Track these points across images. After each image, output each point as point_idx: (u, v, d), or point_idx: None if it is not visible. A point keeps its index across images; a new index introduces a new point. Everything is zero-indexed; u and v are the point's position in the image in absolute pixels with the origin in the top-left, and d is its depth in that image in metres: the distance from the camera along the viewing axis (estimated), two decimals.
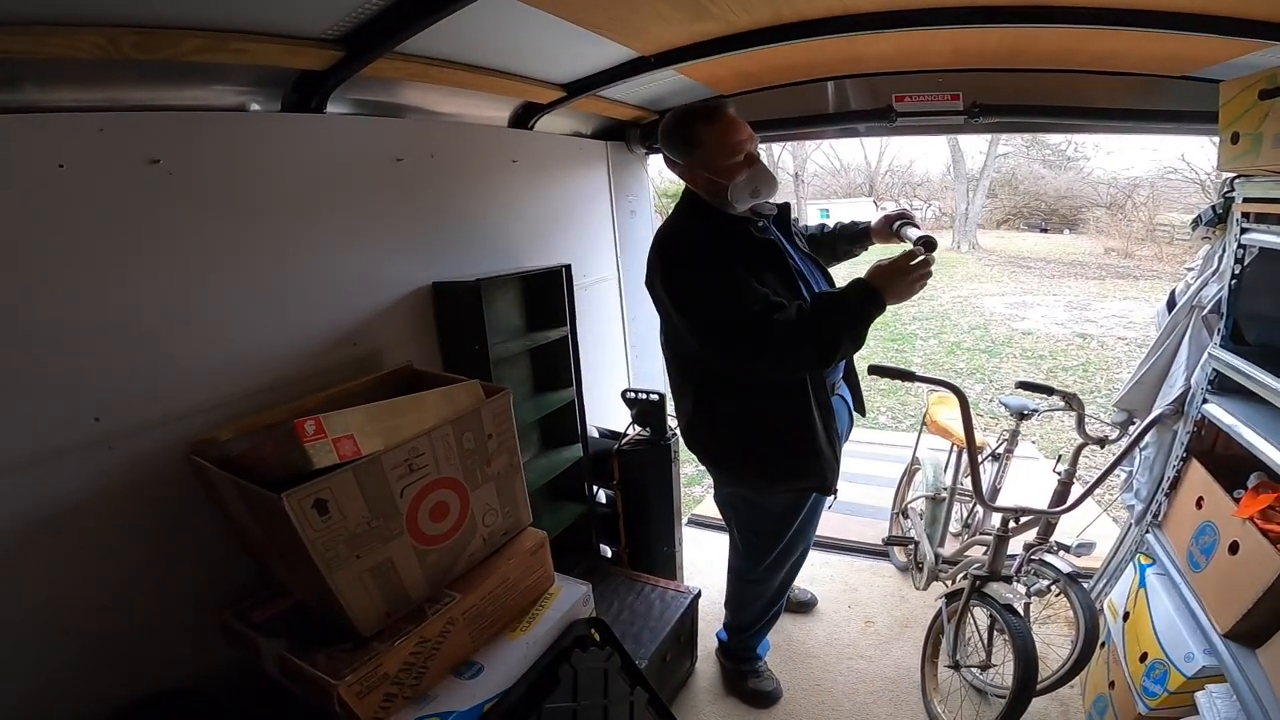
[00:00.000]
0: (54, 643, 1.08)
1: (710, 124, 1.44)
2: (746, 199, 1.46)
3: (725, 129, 1.44)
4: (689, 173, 1.50)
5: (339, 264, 1.47)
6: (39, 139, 1.01)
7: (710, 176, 1.46)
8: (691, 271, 1.43)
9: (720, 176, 1.44)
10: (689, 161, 1.48)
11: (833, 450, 1.59)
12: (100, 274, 1.09)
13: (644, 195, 2.84)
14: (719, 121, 1.44)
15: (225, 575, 1.30)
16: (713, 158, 1.44)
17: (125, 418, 1.13)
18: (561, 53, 1.70)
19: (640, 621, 1.89)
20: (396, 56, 1.37)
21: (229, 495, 1.12)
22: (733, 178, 1.44)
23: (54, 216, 1.03)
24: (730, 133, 1.44)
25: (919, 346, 7.59)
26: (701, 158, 1.46)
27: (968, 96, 2.02)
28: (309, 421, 0.98)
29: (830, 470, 1.60)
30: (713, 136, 1.44)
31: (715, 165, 1.45)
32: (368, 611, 1.12)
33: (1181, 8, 1.31)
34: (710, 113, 1.45)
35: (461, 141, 1.82)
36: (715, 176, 1.45)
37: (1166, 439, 1.70)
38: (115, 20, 1.01)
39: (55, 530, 1.07)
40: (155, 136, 1.14)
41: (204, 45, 1.12)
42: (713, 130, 1.44)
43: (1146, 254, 13.09)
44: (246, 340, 1.31)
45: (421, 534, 1.18)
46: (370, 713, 1.09)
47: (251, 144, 1.30)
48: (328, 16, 1.20)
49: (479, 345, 1.64)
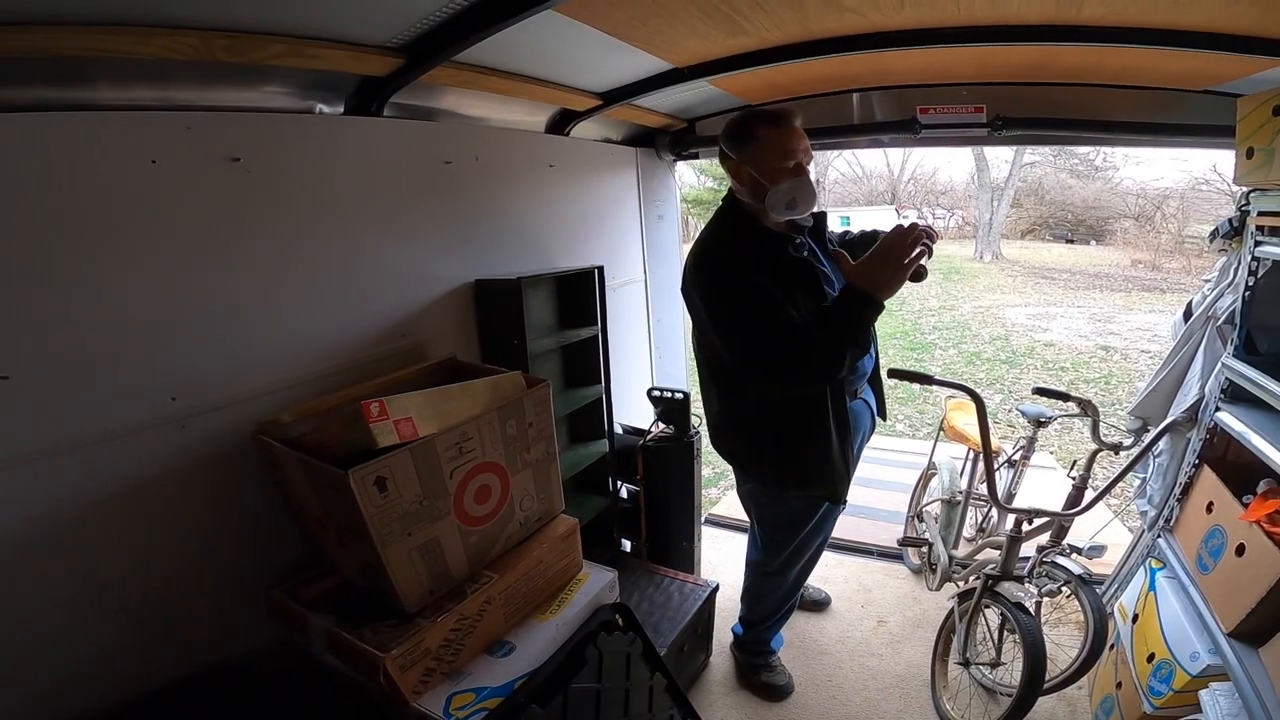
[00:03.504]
0: (112, 615, 1.15)
1: (772, 126, 1.48)
2: (782, 208, 1.49)
3: (785, 134, 1.48)
4: (738, 169, 1.53)
5: (391, 260, 1.57)
6: (134, 135, 1.11)
7: (756, 176, 1.48)
8: (726, 287, 1.47)
9: (765, 178, 1.47)
10: (741, 157, 1.51)
11: (845, 463, 1.64)
12: (184, 264, 1.19)
13: (671, 201, 2.91)
14: (781, 126, 1.48)
15: (273, 555, 1.38)
16: (764, 157, 1.47)
17: (199, 398, 1.23)
18: (600, 63, 1.78)
19: (659, 612, 1.95)
20: (450, 65, 1.46)
21: (292, 473, 1.21)
22: (777, 182, 1.46)
23: (145, 209, 1.13)
24: (788, 139, 1.47)
25: (938, 356, 7.57)
26: (754, 155, 1.48)
27: (991, 109, 2.08)
28: (374, 404, 1.07)
29: (840, 482, 1.65)
30: (771, 138, 1.47)
31: (764, 165, 1.47)
32: (414, 588, 1.20)
33: (1199, 26, 1.36)
34: (775, 116, 1.49)
35: (504, 146, 1.91)
36: (761, 177, 1.48)
37: (1180, 446, 1.74)
38: (211, 24, 1.10)
39: (125, 504, 1.16)
40: (235, 135, 1.24)
41: (285, 50, 1.22)
42: (773, 132, 1.48)
43: (1175, 266, 12.88)
44: (307, 329, 1.40)
45: (466, 515, 1.26)
46: (410, 687, 1.15)
47: (318, 144, 1.40)
48: (394, 26, 1.29)
49: (517, 340, 1.73)
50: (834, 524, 1.90)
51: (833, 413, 1.57)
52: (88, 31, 0.98)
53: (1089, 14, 1.36)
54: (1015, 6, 1.38)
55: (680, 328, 3.06)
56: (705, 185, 15.28)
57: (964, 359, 7.38)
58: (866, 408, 1.78)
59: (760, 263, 1.48)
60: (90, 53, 1.02)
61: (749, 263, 1.48)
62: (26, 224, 1.00)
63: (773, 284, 1.45)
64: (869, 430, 1.82)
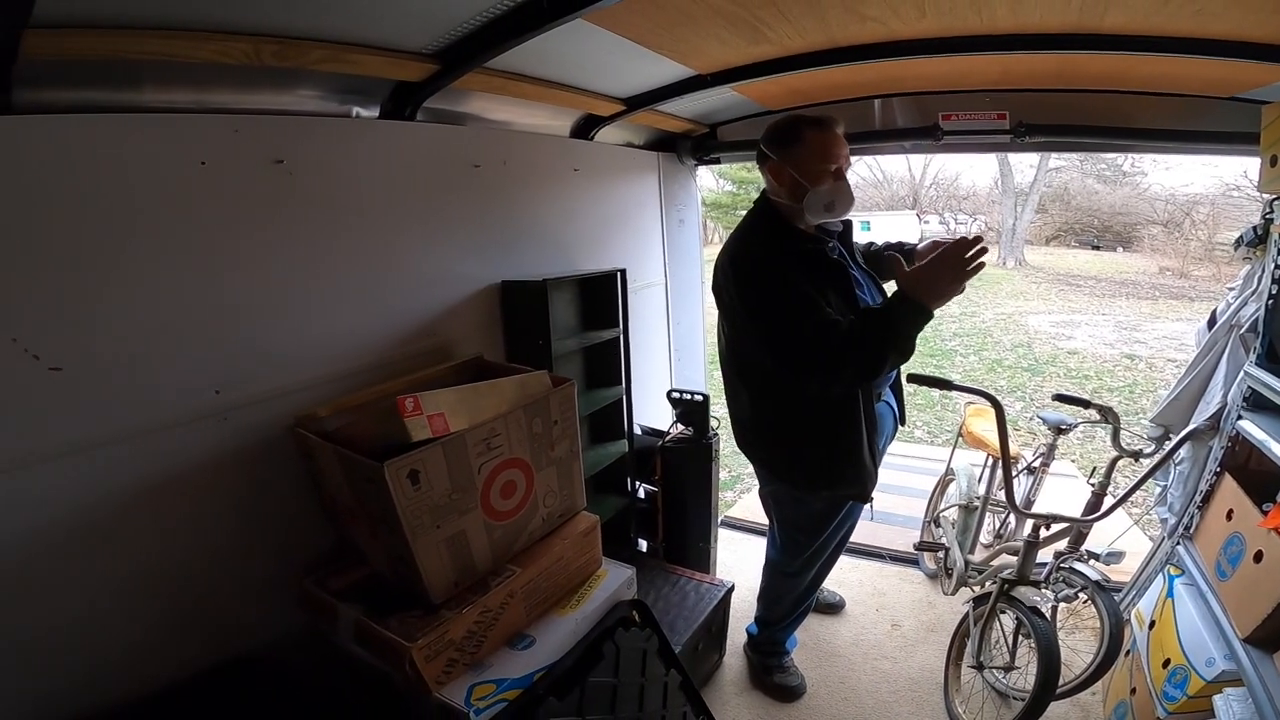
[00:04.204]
0: (154, 602, 1.20)
1: (818, 130, 1.53)
2: (820, 210, 1.53)
3: (829, 139, 1.52)
4: (779, 169, 1.56)
5: (423, 261, 1.62)
6: (187, 137, 1.17)
7: (797, 176, 1.52)
8: (767, 285, 1.50)
9: (807, 179, 1.51)
10: (783, 157, 1.54)
11: (873, 462, 1.67)
12: (230, 263, 1.24)
13: (692, 205, 2.95)
14: (826, 131, 1.53)
15: (304, 546, 1.42)
16: (808, 159, 1.51)
17: (240, 392, 1.28)
18: (624, 69, 1.82)
19: (675, 611, 1.97)
20: (481, 70, 1.50)
21: (327, 465, 1.25)
22: (817, 184, 1.51)
23: (196, 209, 1.19)
24: (832, 144, 1.52)
25: (958, 363, 7.50)
26: (797, 156, 1.52)
27: (1014, 116, 2.08)
28: (409, 399, 1.12)
29: (870, 480, 1.68)
30: (816, 141, 1.52)
31: (807, 167, 1.51)
32: (440, 580, 1.23)
33: (1223, 35, 1.36)
34: (821, 121, 1.54)
35: (530, 150, 1.96)
36: (802, 178, 1.52)
37: (1202, 454, 1.73)
38: (262, 30, 1.15)
39: (169, 494, 1.20)
40: (278, 138, 1.29)
41: (327, 55, 1.27)
42: (818, 136, 1.52)
43: (1204, 274, 12.61)
44: (341, 327, 1.46)
45: (492, 509, 1.30)
46: (434, 676, 1.17)
47: (354, 147, 1.45)
48: (429, 33, 1.34)
49: (542, 341, 1.77)
50: (854, 526, 1.92)
51: (863, 413, 1.60)
52: (150, 36, 1.03)
53: (1112, 22, 1.37)
54: (1038, 15, 1.39)
55: (700, 331, 3.09)
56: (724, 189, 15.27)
57: (985, 366, 7.30)
58: (890, 410, 1.80)
59: (797, 263, 1.52)
60: (151, 56, 1.07)
61: (788, 262, 1.51)
62: (83, 222, 1.05)
63: (809, 284, 1.48)
64: (891, 433, 1.84)
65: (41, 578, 1.06)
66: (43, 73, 1.00)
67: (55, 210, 1.02)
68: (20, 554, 1.03)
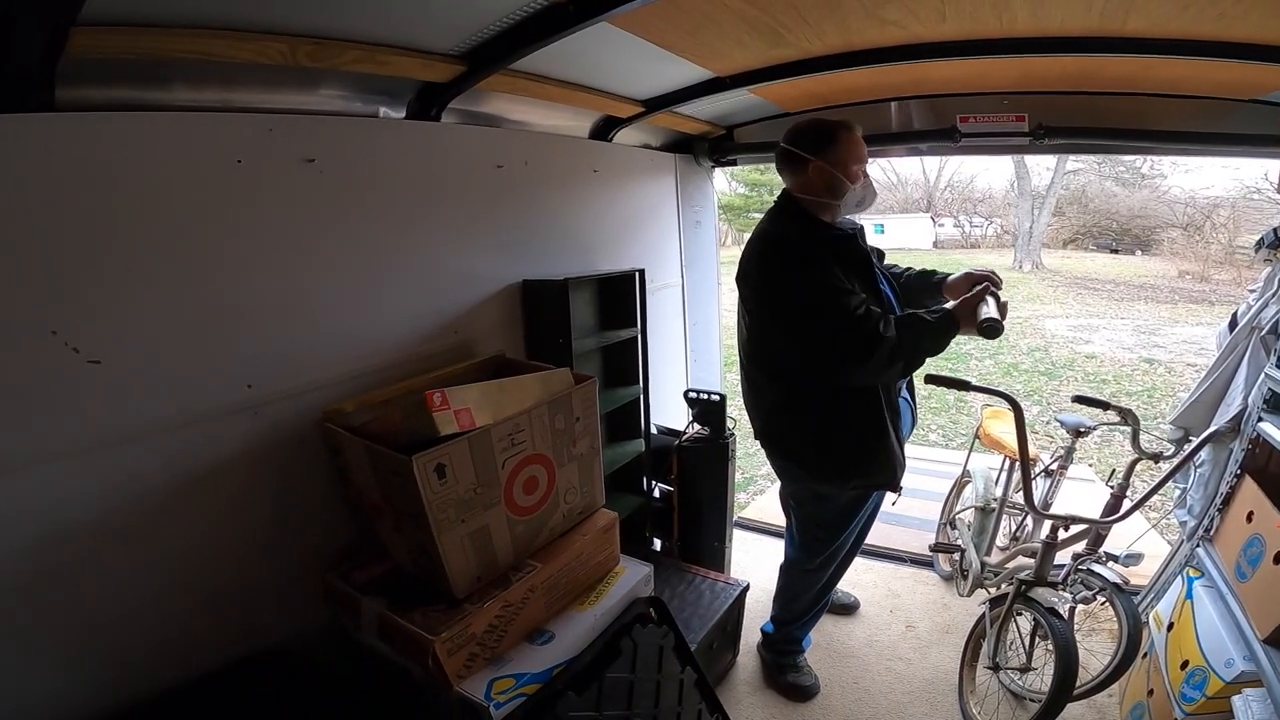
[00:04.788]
0: (186, 594, 1.22)
1: (850, 132, 1.63)
2: (853, 206, 1.66)
3: (859, 141, 1.64)
4: (817, 168, 1.60)
5: (448, 259, 1.65)
6: (224, 136, 1.19)
7: (836, 173, 1.60)
8: (801, 274, 1.55)
9: (847, 176, 1.60)
10: (822, 157, 1.60)
11: (901, 449, 1.71)
12: (262, 258, 1.27)
13: (709, 207, 2.96)
14: (855, 134, 1.64)
15: (329, 540, 1.45)
16: (845, 159, 1.60)
17: (271, 387, 1.31)
18: (644, 71, 1.84)
19: (690, 609, 1.97)
20: (505, 72, 1.52)
21: (354, 459, 1.28)
22: (855, 181, 1.61)
23: (232, 207, 1.22)
24: (861, 145, 1.64)
25: (974, 366, 7.44)
26: (835, 156, 1.60)
27: (1033, 118, 2.07)
28: (437, 394, 1.14)
29: (900, 467, 1.71)
30: (850, 142, 1.62)
31: (846, 166, 1.60)
32: (464, 574, 1.25)
33: (1245, 38, 1.36)
34: (848, 124, 1.64)
35: (551, 151, 1.99)
36: (842, 175, 1.60)
37: (1223, 457, 1.72)
38: (299, 30, 1.18)
39: (201, 487, 1.23)
40: (310, 137, 1.32)
41: (360, 56, 1.30)
42: (851, 137, 1.62)
43: (1224, 278, 12.42)
44: (368, 324, 1.48)
45: (515, 504, 1.32)
46: (455, 670, 1.19)
47: (383, 147, 1.48)
48: (457, 34, 1.37)
49: (563, 339, 1.80)
50: (873, 521, 1.94)
51: (885, 401, 1.64)
52: (190, 35, 1.06)
53: (1133, 26, 1.37)
54: (1058, 19, 1.40)
55: (716, 332, 3.10)
56: (736, 191, 15.28)
57: (1001, 370, 7.24)
58: (908, 405, 1.83)
59: (831, 250, 1.59)
60: (190, 55, 1.09)
61: (824, 249, 1.58)
62: (122, 218, 1.08)
63: (841, 271, 1.56)
64: (909, 428, 1.86)
65: (86, 569, 1.09)
66: (84, 71, 1.02)
67: (95, 206, 1.04)
68: (66, 545, 1.06)
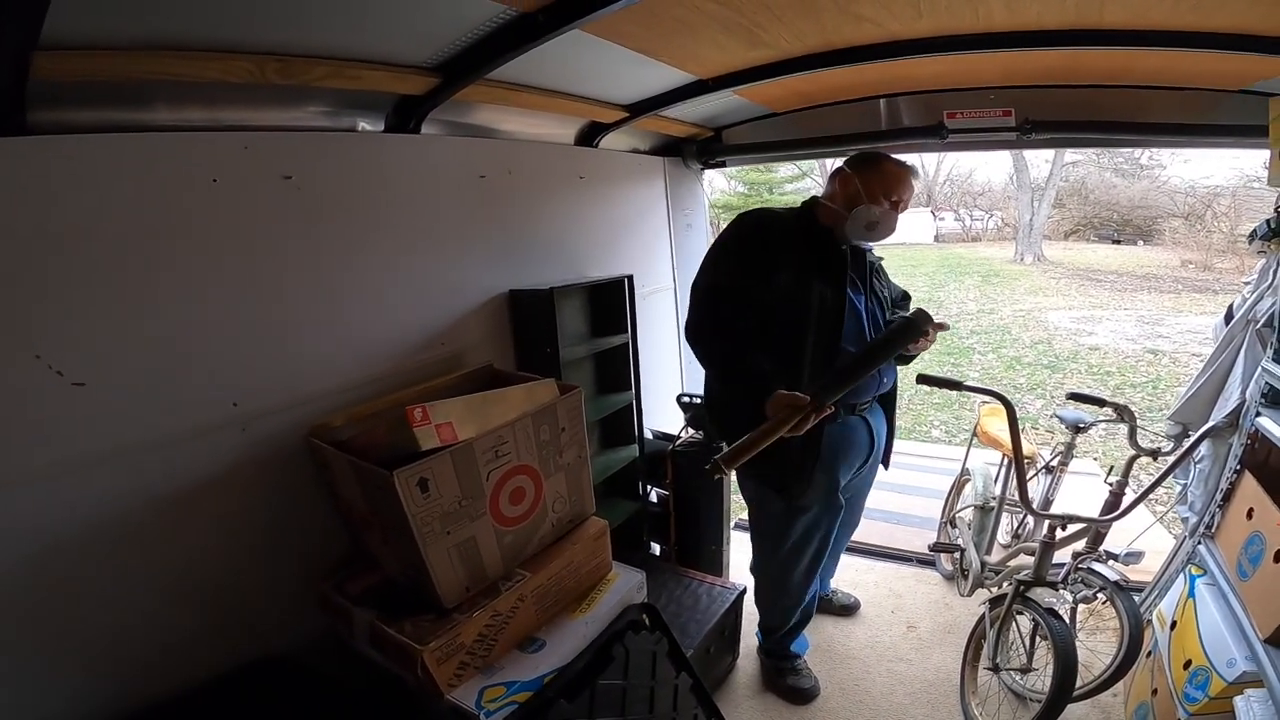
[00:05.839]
0: (180, 608, 1.23)
1: (898, 167, 1.67)
2: (861, 227, 1.65)
3: (902, 177, 1.66)
4: (848, 179, 1.66)
5: (432, 271, 1.65)
6: (198, 156, 1.19)
7: (860, 189, 1.63)
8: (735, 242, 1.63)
9: (868, 196, 1.63)
10: (856, 171, 1.66)
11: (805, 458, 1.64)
12: (243, 277, 1.27)
13: (699, 209, 2.96)
14: (903, 170, 1.67)
15: (324, 551, 1.45)
16: (877, 183, 1.64)
17: (257, 403, 1.31)
18: (625, 77, 1.84)
19: (686, 614, 1.96)
20: (482, 82, 1.52)
21: (340, 474, 1.28)
22: (871, 204, 1.63)
23: (209, 225, 1.21)
24: (903, 182, 1.66)
25: (976, 361, 7.42)
26: (869, 176, 1.64)
27: (1020, 113, 2.06)
28: (417, 409, 1.14)
29: (789, 475, 1.67)
30: (892, 173, 1.65)
31: (871, 187, 1.63)
32: (452, 584, 1.26)
33: (1225, 28, 1.35)
34: (903, 165, 1.68)
35: (535, 159, 1.99)
36: (864, 192, 1.63)
37: (1222, 452, 1.70)
38: (264, 49, 1.18)
39: (192, 503, 1.23)
40: (286, 154, 1.32)
41: (330, 72, 1.30)
42: (895, 170, 1.66)
43: (1227, 266, 12.34)
44: (355, 338, 1.48)
45: (501, 515, 1.32)
46: (445, 679, 1.20)
47: (362, 161, 1.48)
48: (427, 48, 1.38)
49: (550, 349, 1.79)
50: (826, 538, 1.85)
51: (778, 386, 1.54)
52: (155, 57, 1.06)
53: (1111, 18, 1.36)
54: (1034, 12, 1.38)
55: None
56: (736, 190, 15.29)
57: (1004, 364, 7.22)
58: (864, 426, 1.77)
59: (795, 242, 1.61)
60: (156, 76, 1.10)
61: (779, 240, 1.61)
62: (99, 240, 1.08)
63: (789, 263, 1.58)
64: (864, 450, 1.79)
65: (75, 582, 1.09)
66: (60, 93, 1.03)
67: (72, 229, 1.04)
68: (55, 560, 1.07)
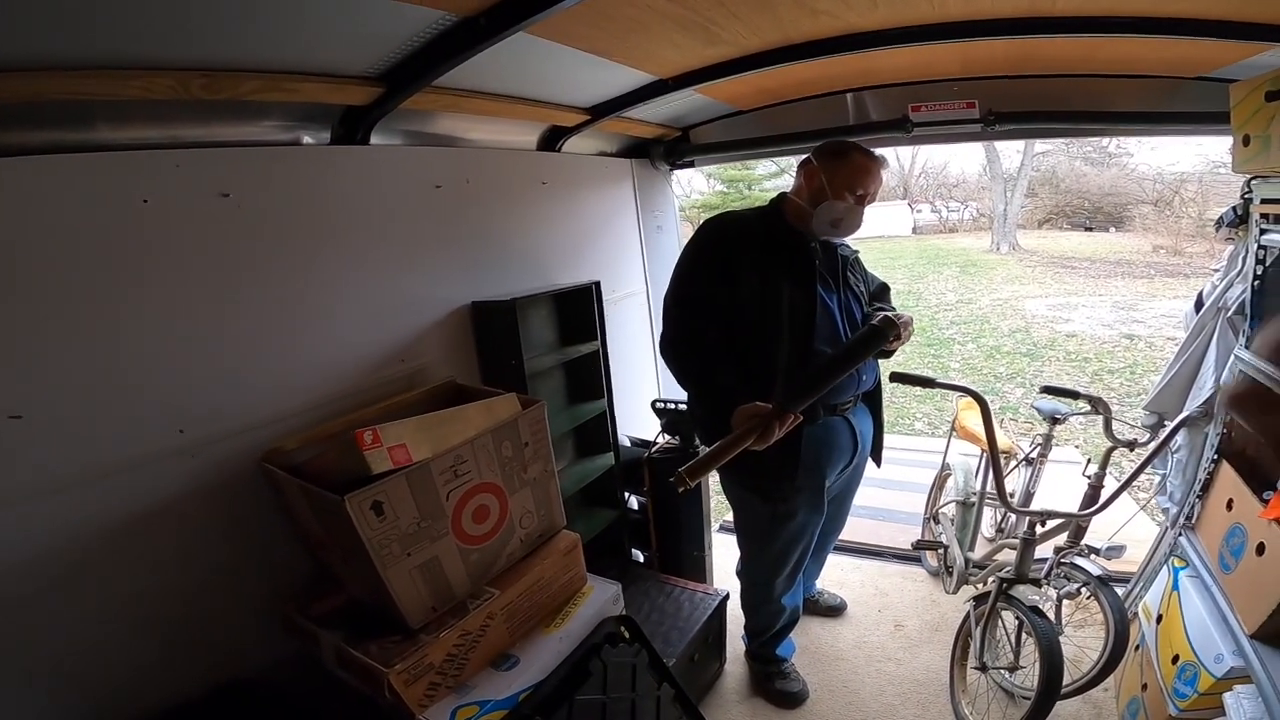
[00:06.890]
0: (139, 636, 1.20)
1: (864, 158, 1.59)
2: (827, 224, 1.59)
3: (869, 169, 1.59)
4: (813, 172, 1.61)
5: (388, 286, 1.60)
6: (125, 175, 1.14)
7: (825, 184, 1.57)
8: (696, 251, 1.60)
9: (831, 190, 1.57)
10: (822, 164, 1.59)
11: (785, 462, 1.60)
12: (182, 298, 1.22)
13: (669, 211, 2.92)
14: (871, 161, 1.60)
15: (287, 573, 1.41)
16: (843, 176, 1.57)
17: (205, 429, 1.26)
18: (584, 79, 1.80)
19: (669, 622, 1.94)
20: (431, 90, 1.48)
21: (295, 499, 1.24)
22: (836, 199, 1.57)
23: (141, 248, 1.16)
24: (869, 174, 1.59)
25: (956, 351, 7.46)
26: (835, 169, 1.58)
27: (983, 104, 2.05)
28: (367, 432, 1.10)
29: (769, 479, 1.65)
30: (858, 164, 1.58)
31: (837, 181, 1.57)
32: (416, 605, 1.22)
33: (1180, 13, 1.34)
34: (870, 155, 1.61)
35: (494, 166, 1.94)
36: (828, 187, 1.57)
37: (1198, 442, 1.69)
38: (186, 64, 1.13)
39: (144, 530, 1.19)
40: (224, 171, 1.27)
41: (261, 86, 1.25)
42: (862, 161, 1.59)
43: (1198, 250, 12.54)
44: (310, 358, 1.43)
45: (465, 534, 1.28)
46: (416, 700, 1.18)
47: (306, 176, 1.43)
48: (366, 57, 1.33)
49: (515, 361, 1.75)
50: (810, 540, 1.83)
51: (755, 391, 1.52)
52: (72, 76, 1.02)
53: (1064, 5, 1.35)
54: (988, 1, 1.37)
55: None
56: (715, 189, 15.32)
57: (983, 353, 7.27)
58: (845, 427, 1.72)
59: (759, 244, 1.58)
60: (77, 96, 1.05)
61: (745, 244, 1.57)
62: (27, 267, 1.03)
63: (754, 265, 1.55)
64: (846, 451, 1.75)
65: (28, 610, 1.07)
66: None
67: None
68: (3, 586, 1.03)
